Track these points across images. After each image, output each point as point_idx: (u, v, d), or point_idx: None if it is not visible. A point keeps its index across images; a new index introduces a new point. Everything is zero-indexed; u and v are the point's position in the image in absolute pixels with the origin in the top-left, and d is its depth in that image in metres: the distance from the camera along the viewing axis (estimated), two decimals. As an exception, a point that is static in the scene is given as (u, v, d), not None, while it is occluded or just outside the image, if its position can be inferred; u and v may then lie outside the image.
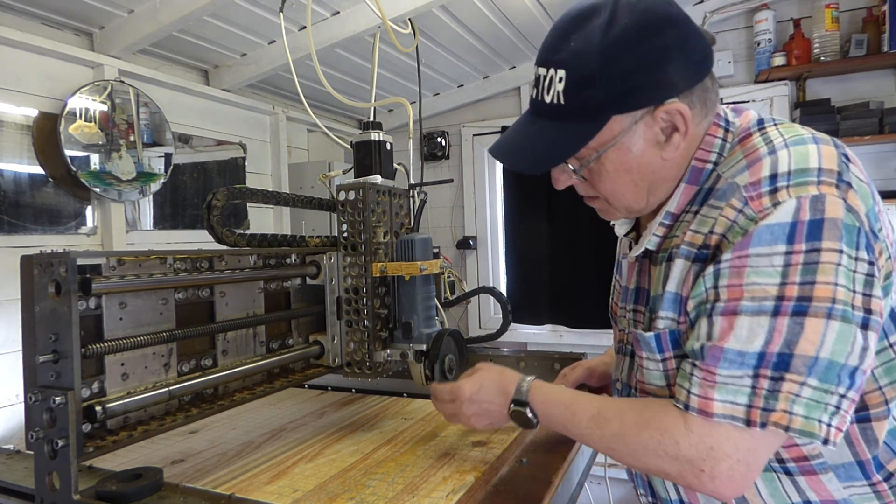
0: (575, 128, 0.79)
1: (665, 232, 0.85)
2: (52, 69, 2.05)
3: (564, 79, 0.77)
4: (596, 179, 0.84)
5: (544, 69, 0.80)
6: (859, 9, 2.81)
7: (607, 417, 0.83)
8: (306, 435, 1.35)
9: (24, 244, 1.95)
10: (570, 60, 0.76)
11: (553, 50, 0.79)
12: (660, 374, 0.83)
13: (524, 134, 0.85)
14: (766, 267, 0.69)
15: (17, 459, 1.23)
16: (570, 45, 0.77)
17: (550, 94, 0.79)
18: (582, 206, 0.99)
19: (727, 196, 0.75)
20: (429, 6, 2.14)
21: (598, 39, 0.74)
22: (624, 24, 0.74)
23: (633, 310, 0.94)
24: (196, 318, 1.12)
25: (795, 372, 0.67)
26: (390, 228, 1.34)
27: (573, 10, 0.80)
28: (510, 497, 1.03)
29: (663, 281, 0.83)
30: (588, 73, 0.75)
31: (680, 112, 0.77)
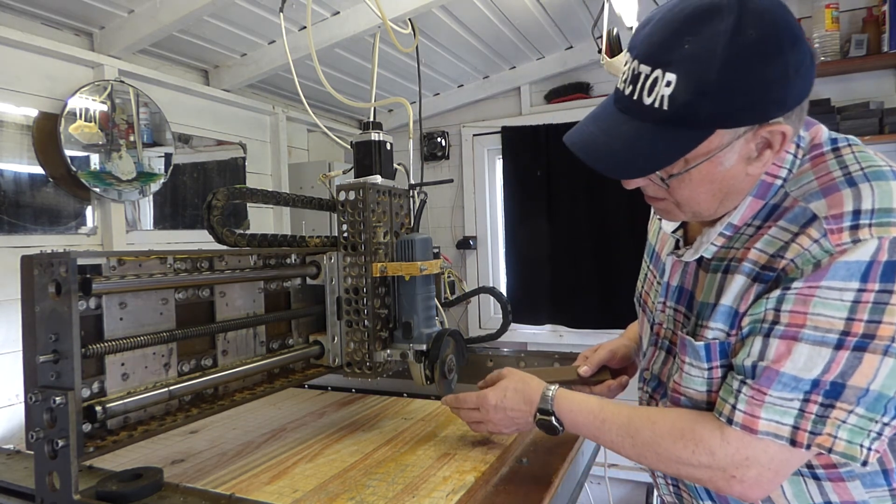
0: (675, 136, 0.74)
1: (723, 242, 0.85)
2: (52, 69, 2.05)
3: (674, 84, 0.70)
4: (675, 186, 0.81)
5: (648, 67, 0.72)
6: (859, 9, 2.81)
7: (638, 427, 0.87)
8: (306, 435, 1.36)
9: (24, 244, 1.95)
10: (686, 66, 0.70)
11: (663, 49, 0.72)
12: (702, 382, 0.85)
13: (615, 134, 0.78)
14: (835, 300, 0.70)
15: (17, 459, 1.23)
16: (686, 48, 0.70)
17: (653, 97, 0.72)
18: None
19: (801, 222, 0.75)
20: (429, 6, 2.14)
21: (721, 48, 0.68)
22: (752, 37, 0.68)
23: (674, 308, 0.95)
24: (196, 318, 1.12)
25: (846, 401, 0.71)
26: (390, 228, 1.34)
27: (688, 6, 0.72)
28: (510, 497, 1.04)
29: (717, 292, 0.83)
30: (704, 83, 0.69)
31: (782, 133, 0.74)
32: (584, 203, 3.35)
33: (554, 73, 3.43)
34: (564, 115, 3.41)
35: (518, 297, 3.53)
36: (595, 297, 3.32)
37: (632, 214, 3.22)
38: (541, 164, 3.44)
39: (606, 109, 0.81)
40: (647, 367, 1.03)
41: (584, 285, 3.35)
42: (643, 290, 1.10)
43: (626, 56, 0.78)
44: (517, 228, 3.56)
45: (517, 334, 3.61)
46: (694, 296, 0.90)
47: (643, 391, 1.04)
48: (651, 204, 0.90)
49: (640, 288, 1.13)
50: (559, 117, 3.42)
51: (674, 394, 0.91)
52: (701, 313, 0.86)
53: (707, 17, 0.70)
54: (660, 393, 1.00)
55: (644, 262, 1.13)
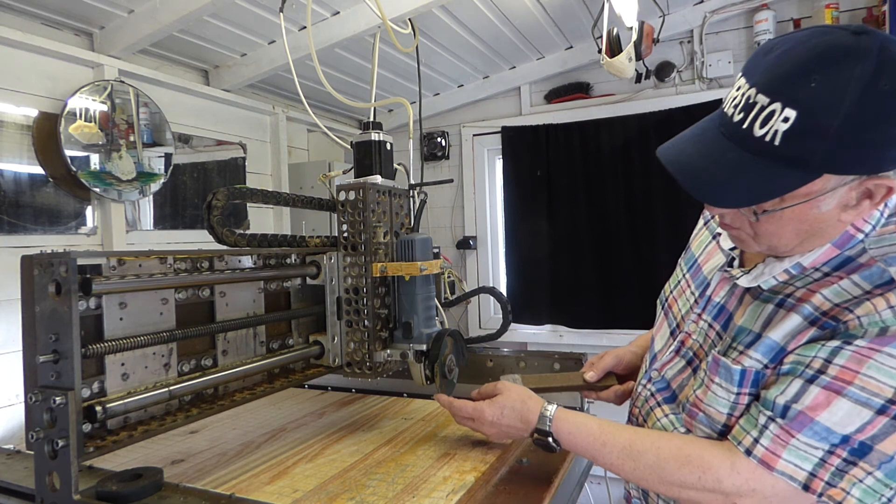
0: (780, 173, 0.71)
1: (785, 279, 0.84)
2: (52, 69, 2.05)
3: (793, 121, 0.67)
4: (762, 222, 0.78)
5: (766, 99, 0.69)
6: (859, 9, 2.81)
7: (641, 451, 0.87)
8: (306, 435, 1.36)
9: (24, 244, 1.95)
10: (809, 105, 0.67)
11: (788, 83, 0.68)
12: (727, 404, 0.84)
13: (716, 160, 0.75)
14: (891, 368, 0.70)
15: (17, 459, 1.23)
16: (812, 87, 0.67)
17: (765, 130, 0.69)
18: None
19: (877, 282, 0.74)
20: (429, 6, 2.14)
21: (852, 95, 0.65)
22: (885, 89, 0.65)
23: (709, 324, 0.94)
24: (196, 318, 1.12)
25: (868, 462, 0.72)
26: (390, 228, 1.34)
27: (822, 43, 0.68)
28: (510, 497, 1.04)
29: (764, 323, 0.83)
30: (826, 126, 0.66)
31: (889, 188, 0.72)
32: (584, 203, 3.34)
33: (554, 73, 3.43)
34: (564, 115, 3.41)
35: (518, 297, 3.53)
36: (595, 296, 3.32)
37: (631, 214, 3.22)
38: (541, 164, 3.44)
39: (708, 133, 0.78)
40: (659, 370, 1.02)
41: (585, 285, 3.35)
42: (671, 295, 1.09)
43: (739, 80, 0.75)
44: (517, 228, 3.56)
45: (517, 334, 3.61)
46: (732, 317, 0.90)
47: (645, 388, 1.03)
48: (725, 230, 0.89)
49: (667, 291, 1.12)
50: (559, 117, 3.42)
51: (692, 408, 0.90)
52: (738, 337, 0.86)
53: (842, 59, 0.67)
54: (662, 395, 0.99)
55: (680, 267, 1.12)
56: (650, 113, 3.18)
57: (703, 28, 3.08)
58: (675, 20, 3.08)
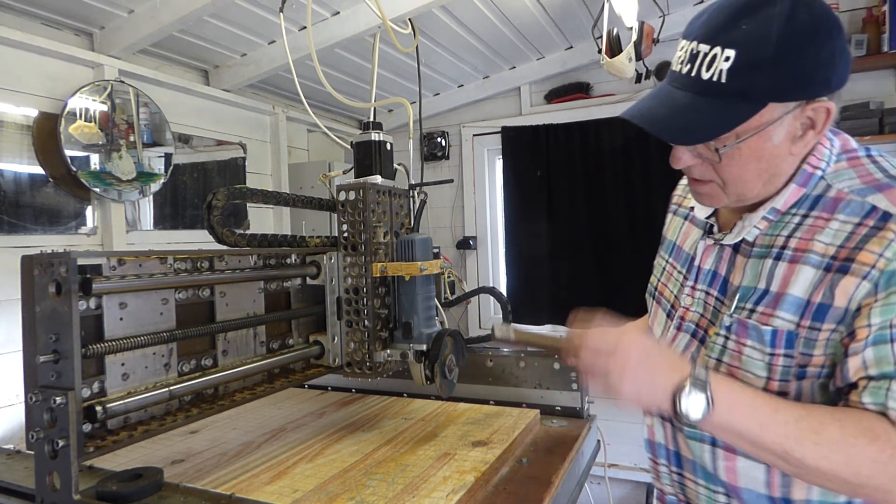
0: (731, 107, 0.80)
1: (766, 227, 0.88)
2: (53, 69, 2.05)
3: (733, 59, 0.77)
4: (725, 163, 0.85)
5: (707, 46, 0.80)
6: (859, 9, 2.81)
7: (823, 422, 0.76)
8: (306, 435, 1.36)
9: (24, 244, 1.95)
10: (744, 43, 0.77)
11: (721, 29, 0.79)
12: (763, 366, 0.85)
13: (671, 106, 0.84)
14: None
15: (17, 459, 1.23)
16: (743, 28, 0.78)
17: (711, 71, 0.79)
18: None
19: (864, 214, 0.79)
20: (429, 6, 2.14)
21: (777, 29, 0.76)
22: (804, 20, 0.77)
23: (705, 291, 0.96)
24: (196, 318, 1.12)
25: None
26: (390, 228, 1.34)
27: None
28: (510, 497, 1.04)
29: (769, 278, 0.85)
30: (761, 58, 0.77)
31: (827, 110, 0.80)
32: (583, 203, 3.35)
33: (554, 73, 3.43)
34: (564, 115, 3.41)
35: (518, 297, 3.53)
36: (595, 296, 3.32)
37: (631, 214, 3.22)
38: (541, 164, 3.44)
39: (662, 90, 0.87)
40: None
41: (584, 285, 3.35)
42: (659, 283, 1.12)
43: (681, 43, 0.85)
44: (517, 228, 3.56)
45: (517, 334, 3.60)
46: (728, 280, 0.92)
47: None
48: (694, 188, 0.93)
49: (654, 282, 1.14)
50: (559, 117, 3.42)
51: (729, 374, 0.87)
52: (746, 297, 0.87)
53: (762, 3, 0.78)
54: None
55: (660, 257, 1.15)
56: (650, 113, 3.18)
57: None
58: (675, 20, 3.07)
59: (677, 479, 1.03)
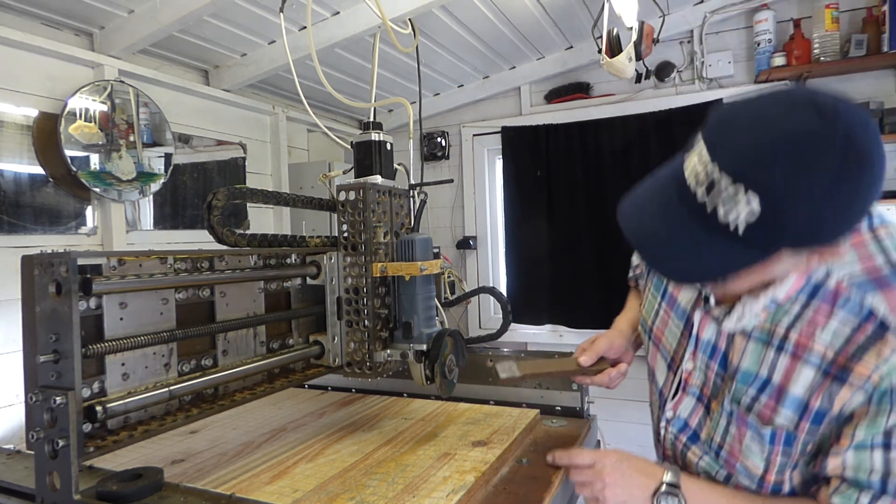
0: (740, 253, 0.72)
1: (766, 316, 0.88)
2: (52, 69, 2.05)
3: (758, 214, 0.67)
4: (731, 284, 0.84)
5: (730, 180, 0.67)
6: (859, 9, 2.81)
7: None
8: (306, 435, 1.36)
9: (24, 244, 1.95)
10: (775, 197, 0.66)
11: (753, 166, 0.66)
12: (762, 459, 0.89)
13: (678, 238, 0.75)
14: None
15: (17, 459, 1.23)
16: (776, 176, 0.65)
17: (727, 215, 0.69)
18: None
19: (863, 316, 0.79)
20: (429, 6, 2.14)
21: (821, 189, 0.65)
22: (856, 177, 0.66)
23: (706, 363, 0.97)
24: (196, 318, 1.12)
25: None
26: (390, 228, 1.34)
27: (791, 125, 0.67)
28: (510, 497, 1.04)
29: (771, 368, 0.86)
30: (788, 218, 0.67)
31: (837, 251, 0.77)
32: (583, 203, 3.34)
33: (554, 73, 3.43)
34: (564, 115, 3.41)
35: (518, 297, 3.53)
36: (595, 297, 3.32)
37: (632, 214, 3.22)
38: (541, 164, 3.44)
39: (670, 202, 0.76)
40: (671, 409, 1.04)
41: (584, 285, 3.35)
42: (655, 326, 1.11)
43: (700, 148, 0.72)
44: (517, 228, 3.56)
45: (517, 334, 3.61)
46: (728, 357, 0.93)
47: (667, 431, 1.06)
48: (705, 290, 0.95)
49: (648, 320, 1.14)
50: (559, 117, 3.42)
51: (729, 458, 0.93)
52: (746, 381, 0.89)
53: (811, 148, 0.65)
54: (686, 435, 1.02)
55: (651, 293, 1.14)
56: (650, 113, 3.18)
57: (703, 28, 3.08)
58: (675, 20, 3.08)
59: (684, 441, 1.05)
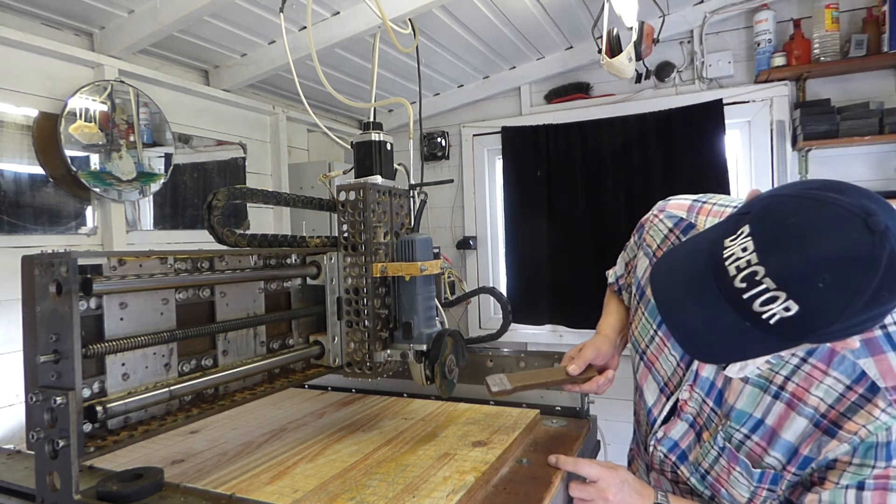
0: (769, 341, 0.77)
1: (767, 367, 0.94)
2: (52, 69, 2.05)
3: (793, 315, 0.71)
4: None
5: (774, 284, 0.71)
6: (859, 9, 2.81)
7: None
8: (306, 435, 1.36)
9: (24, 244, 1.95)
10: (812, 306, 0.70)
11: (797, 277, 0.70)
12: (747, 491, 0.97)
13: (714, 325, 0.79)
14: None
15: (17, 459, 1.23)
16: (819, 288, 0.68)
17: (766, 310, 0.72)
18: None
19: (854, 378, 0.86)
20: (429, 6, 2.14)
21: (854, 306, 0.69)
22: (884, 300, 0.69)
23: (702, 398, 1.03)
24: (196, 318, 1.12)
25: None
26: (390, 228, 1.34)
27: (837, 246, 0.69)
28: (510, 497, 1.04)
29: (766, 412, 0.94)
30: (821, 327, 0.71)
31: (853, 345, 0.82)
32: (583, 203, 3.34)
33: (554, 73, 3.43)
34: (564, 115, 3.41)
35: (518, 297, 3.53)
36: (595, 297, 3.30)
37: (631, 214, 3.22)
38: (541, 164, 3.44)
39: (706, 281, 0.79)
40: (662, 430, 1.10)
41: (584, 285, 3.35)
42: (649, 350, 1.15)
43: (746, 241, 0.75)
44: (517, 228, 3.56)
45: (517, 334, 3.61)
46: (723, 395, 0.99)
47: (656, 449, 1.11)
48: None
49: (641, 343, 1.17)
50: (559, 117, 3.42)
51: (716, 483, 1.01)
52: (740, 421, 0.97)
53: (857, 270, 0.68)
54: (675, 455, 1.08)
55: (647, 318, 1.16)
56: (650, 113, 3.18)
57: (703, 28, 3.08)
58: (675, 20, 3.08)
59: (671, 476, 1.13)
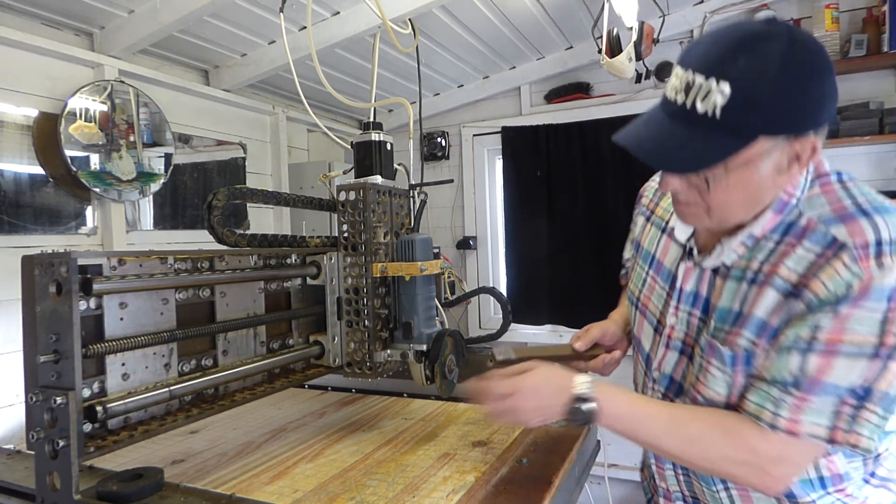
0: (722, 141, 0.81)
1: (743, 251, 0.92)
2: (52, 69, 2.05)
3: (729, 96, 0.77)
4: (712, 190, 0.87)
5: (703, 77, 0.79)
6: (859, 9, 2.81)
7: (683, 423, 0.91)
8: (307, 435, 1.36)
9: (24, 244, 1.95)
10: (741, 80, 0.77)
11: (718, 62, 0.79)
12: (724, 385, 0.92)
13: (665, 134, 0.85)
14: (868, 319, 0.80)
15: (17, 459, 1.23)
16: (740, 64, 0.77)
17: (706, 105, 0.79)
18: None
19: (826, 244, 0.84)
20: (429, 6, 2.14)
21: (774, 66, 0.77)
22: (802, 60, 0.78)
23: (688, 312, 1.01)
24: (196, 318, 1.12)
25: (872, 402, 0.81)
26: (390, 228, 1.34)
27: (740, 28, 0.81)
28: (510, 497, 1.04)
29: (743, 301, 0.91)
30: (757, 97, 0.77)
31: (813, 146, 0.83)
32: (583, 203, 3.34)
33: (554, 73, 3.43)
34: (564, 115, 3.41)
35: (518, 297, 3.52)
36: (595, 296, 3.32)
37: (631, 215, 3.22)
38: (541, 164, 3.44)
39: (655, 116, 0.88)
40: (657, 368, 1.06)
41: (584, 285, 3.35)
42: (642, 294, 1.14)
43: (676, 69, 0.85)
44: (517, 228, 3.56)
45: (517, 334, 3.61)
46: (709, 301, 0.97)
47: (654, 391, 1.07)
48: (679, 209, 0.96)
49: (636, 292, 1.16)
50: (559, 117, 3.42)
51: (694, 392, 0.97)
52: (722, 318, 0.93)
53: (761, 38, 0.78)
54: (673, 391, 1.04)
55: (639, 266, 1.17)
56: (650, 113, 3.18)
57: (703, 28, 3.08)
58: (675, 20, 3.08)
59: (684, 479, 1.06)
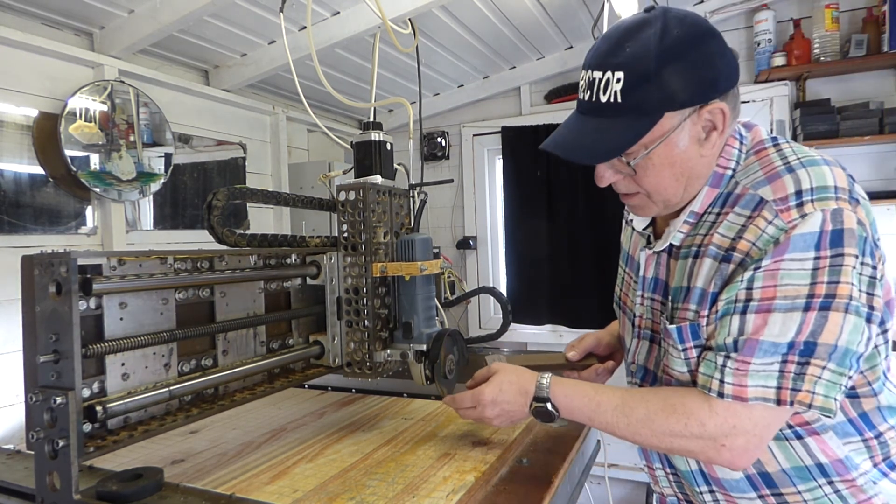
0: (630, 124, 0.86)
1: (688, 229, 0.94)
2: (52, 69, 2.05)
3: (623, 79, 0.84)
4: (641, 174, 0.91)
5: (600, 72, 0.87)
6: (859, 9, 2.81)
7: (632, 406, 0.92)
8: (306, 435, 1.36)
9: (24, 244, 1.95)
10: (629, 63, 0.84)
11: (609, 55, 0.87)
12: (681, 362, 0.93)
13: (580, 131, 0.92)
14: (797, 270, 0.79)
15: (17, 459, 1.23)
16: (626, 51, 0.85)
17: (607, 94, 0.86)
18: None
19: (754, 207, 0.84)
20: (429, 6, 2.14)
21: (654, 45, 0.84)
22: (676, 34, 0.84)
23: (651, 298, 1.03)
24: (196, 318, 1.12)
25: (818, 357, 0.78)
26: (390, 228, 1.34)
27: (624, 22, 0.89)
28: (510, 497, 1.04)
29: (689, 276, 0.92)
30: (645, 73, 0.83)
31: (722, 111, 0.86)
32: (583, 203, 3.34)
33: (554, 73, 3.43)
34: (564, 115, 3.35)
35: (518, 297, 3.52)
36: (595, 296, 3.32)
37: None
38: (541, 164, 3.44)
39: (572, 119, 0.96)
40: (632, 360, 1.09)
41: (584, 285, 3.35)
42: (622, 293, 1.18)
43: (581, 73, 0.93)
44: (517, 228, 3.56)
45: (517, 334, 3.61)
46: (668, 284, 0.98)
47: (632, 382, 1.11)
48: (626, 202, 1.01)
49: (618, 292, 1.21)
50: (559, 117, 3.40)
51: (665, 376, 0.99)
52: (675, 298, 0.95)
53: (639, 27, 0.86)
54: (647, 381, 1.06)
55: (620, 267, 1.23)
56: (650, 113, 3.18)
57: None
58: (675, 20, 3.07)
59: (674, 480, 1.06)
